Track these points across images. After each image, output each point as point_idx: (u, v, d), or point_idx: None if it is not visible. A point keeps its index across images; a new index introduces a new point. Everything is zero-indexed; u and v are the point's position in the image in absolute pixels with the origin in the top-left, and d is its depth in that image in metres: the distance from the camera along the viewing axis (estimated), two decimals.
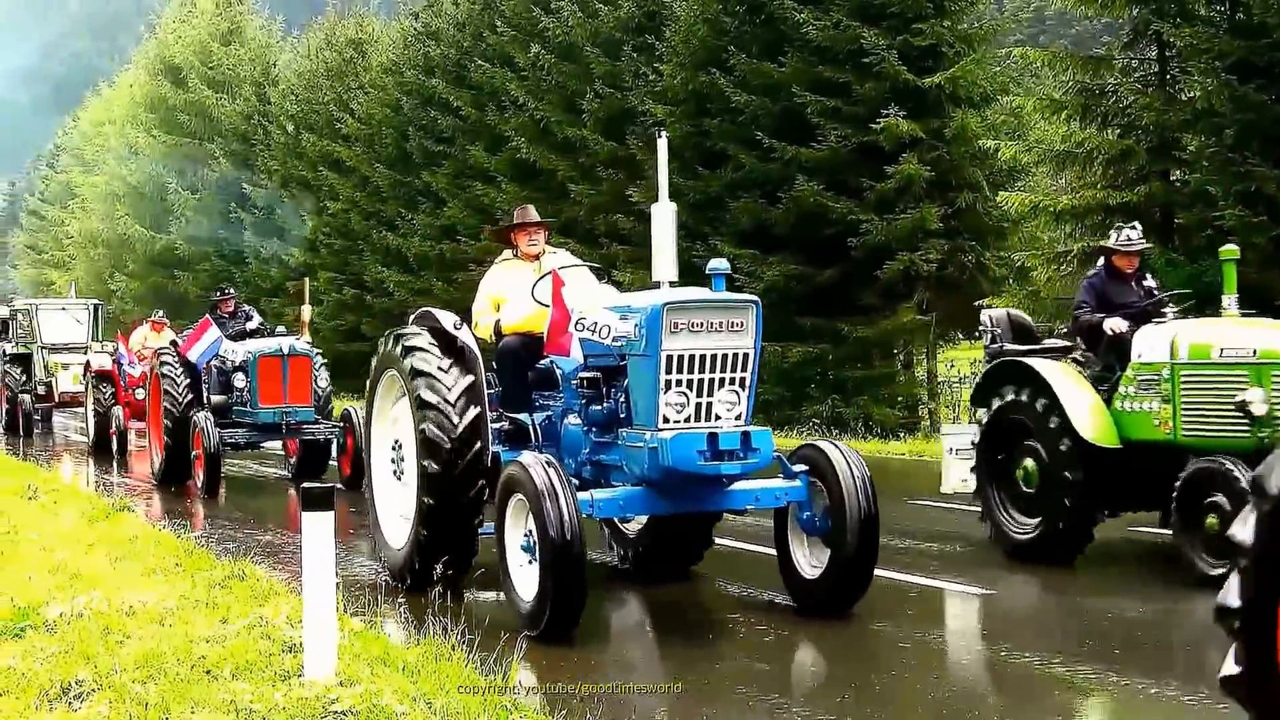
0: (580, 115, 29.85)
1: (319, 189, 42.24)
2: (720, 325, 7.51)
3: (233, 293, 18.93)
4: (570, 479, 7.43)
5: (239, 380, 16.19)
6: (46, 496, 13.34)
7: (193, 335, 16.55)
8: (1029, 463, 9.75)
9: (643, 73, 27.52)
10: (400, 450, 9.19)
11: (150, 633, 6.83)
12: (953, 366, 24.38)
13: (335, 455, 16.26)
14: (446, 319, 8.86)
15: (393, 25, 45.39)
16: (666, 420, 7.43)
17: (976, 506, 10.56)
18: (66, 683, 5.90)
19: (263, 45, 54.64)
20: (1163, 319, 9.48)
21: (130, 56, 74.46)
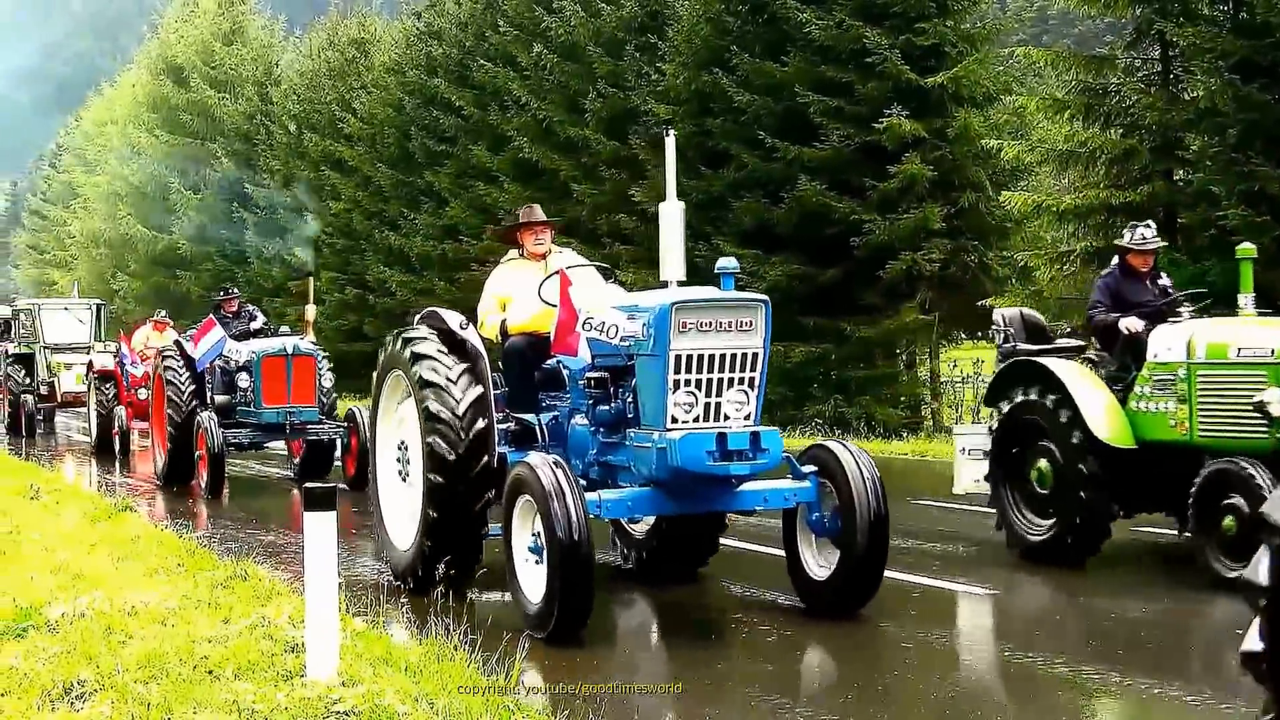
0: (583, 115, 29.83)
1: (321, 188, 42.22)
2: (729, 325, 7.45)
3: (236, 292, 18.90)
4: (578, 479, 7.39)
5: (243, 380, 16.11)
6: (49, 496, 13.34)
7: (196, 335, 16.43)
8: (1043, 463, 9.65)
9: (645, 72, 27.50)
10: (405, 451, 9.12)
11: (152, 633, 6.83)
12: (955, 366, 24.36)
13: (339, 455, 16.23)
14: (453, 319, 8.79)
15: (395, 25, 45.37)
16: (675, 420, 7.38)
17: (982, 507, 10.53)
18: (69, 683, 5.89)
19: (265, 45, 54.63)
20: (1178, 318, 9.38)
21: (132, 56, 74.52)
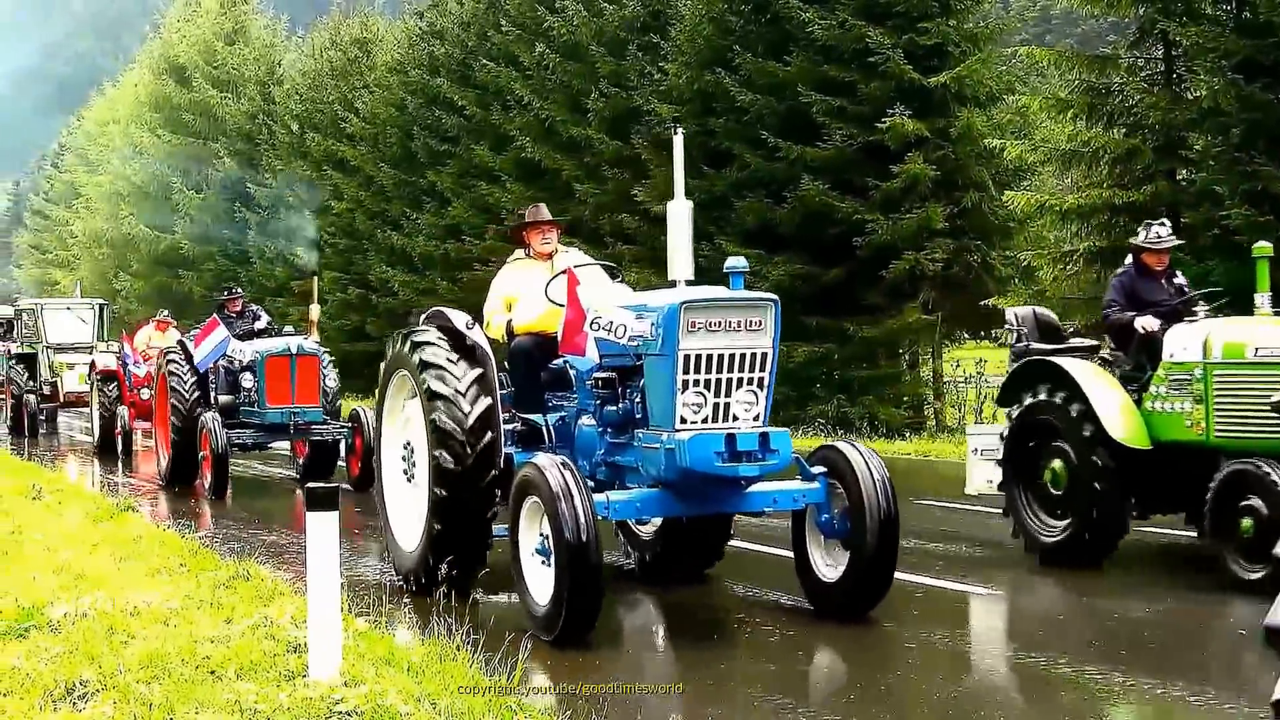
0: (585, 114, 29.82)
1: (324, 188, 42.24)
2: (738, 324, 7.40)
3: (240, 292, 18.86)
4: (585, 480, 7.34)
5: (246, 380, 16.05)
6: (51, 496, 13.33)
7: (200, 335, 16.38)
8: (1057, 464, 9.58)
9: (648, 72, 27.49)
10: (411, 452, 9.05)
11: (155, 633, 6.82)
12: (958, 366, 24.34)
13: (343, 456, 16.20)
14: (458, 318, 8.75)
15: (397, 24, 45.38)
16: (684, 421, 7.34)
17: (986, 507, 10.51)
18: (71, 683, 5.89)
19: (267, 45, 54.60)
20: (1194, 317, 9.30)
21: (134, 56, 74.45)
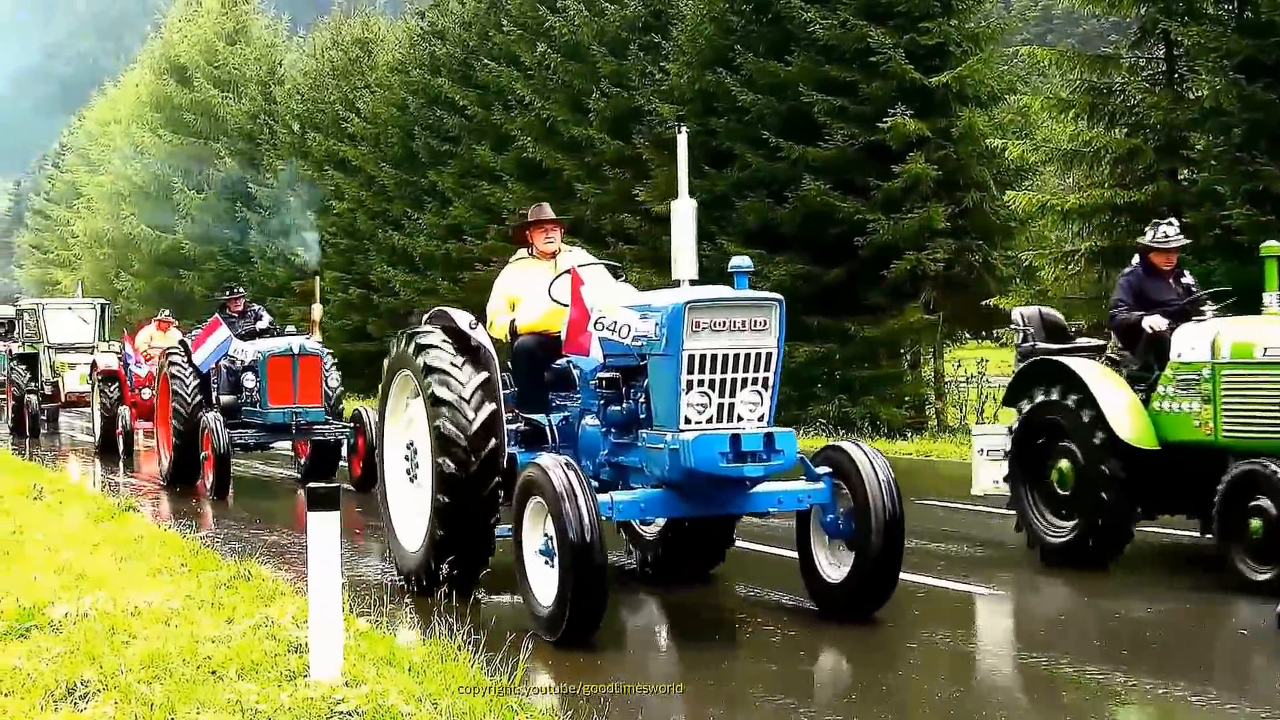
0: (586, 114, 29.82)
1: (325, 188, 42.22)
2: (743, 324, 7.38)
3: (242, 292, 18.80)
4: (589, 480, 7.33)
5: (248, 380, 16.01)
6: (52, 496, 13.33)
7: (202, 335, 16.33)
8: (1064, 464, 9.54)
9: (649, 72, 27.49)
10: (414, 453, 9.03)
11: (156, 633, 6.82)
12: (960, 366, 24.34)
13: (346, 456, 16.17)
14: (462, 318, 8.71)
15: (399, 24, 45.38)
16: (688, 421, 7.32)
17: (987, 507, 10.48)
18: (72, 683, 5.89)
19: (268, 45, 54.62)
20: (1202, 317, 9.28)
21: (136, 56, 74.52)
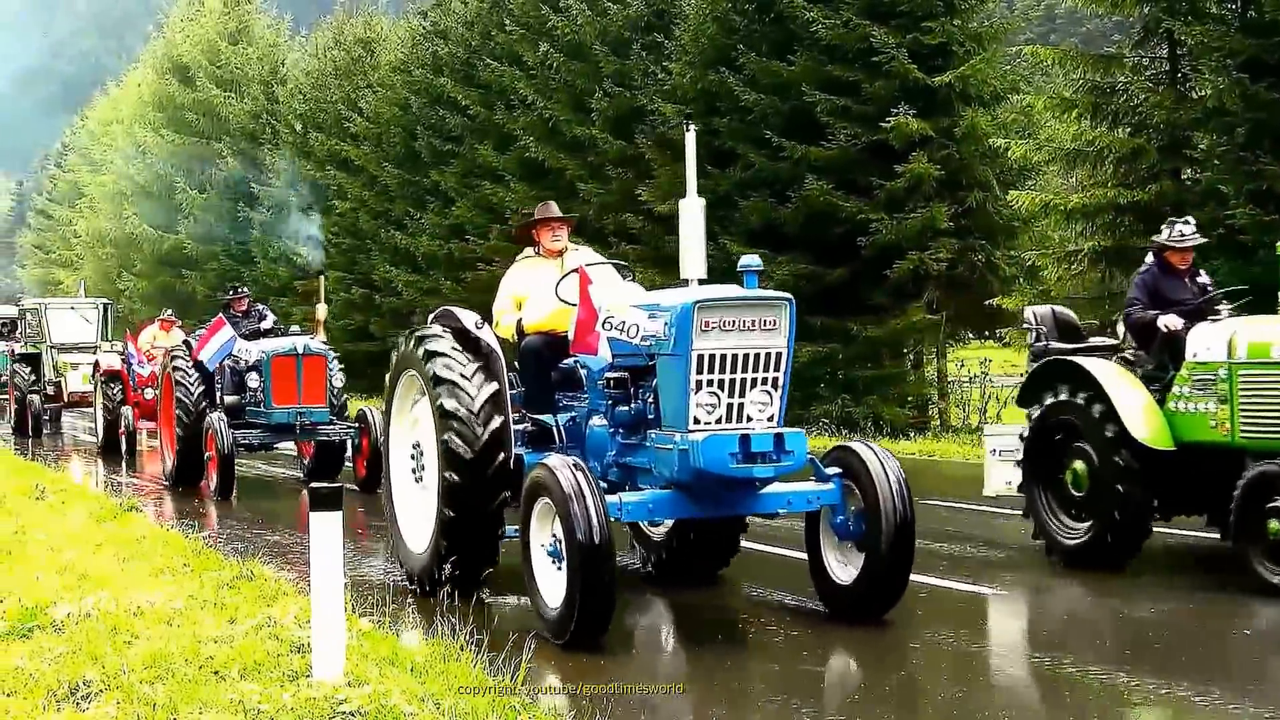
0: (589, 114, 29.81)
1: (328, 188, 42.21)
2: (752, 324, 7.33)
3: (246, 291, 18.65)
4: (597, 481, 7.28)
5: (252, 380, 15.97)
6: (55, 496, 13.34)
7: (206, 334, 16.30)
8: (1078, 465, 9.48)
9: (652, 71, 27.47)
10: (420, 455, 8.97)
11: (158, 633, 6.82)
12: (963, 366, 24.32)
13: (350, 456, 16.15)
14: (468, 318, 8.65)
15: (401, 24, 45.36)
16: (697, 421, 7.28)
17: (991, 507, 10.46)
18: (74, 683, 5.89)
19: (271, 44, 54.62)
20: (1218, 316, 9.22)
21: (138, 56, 74.50)
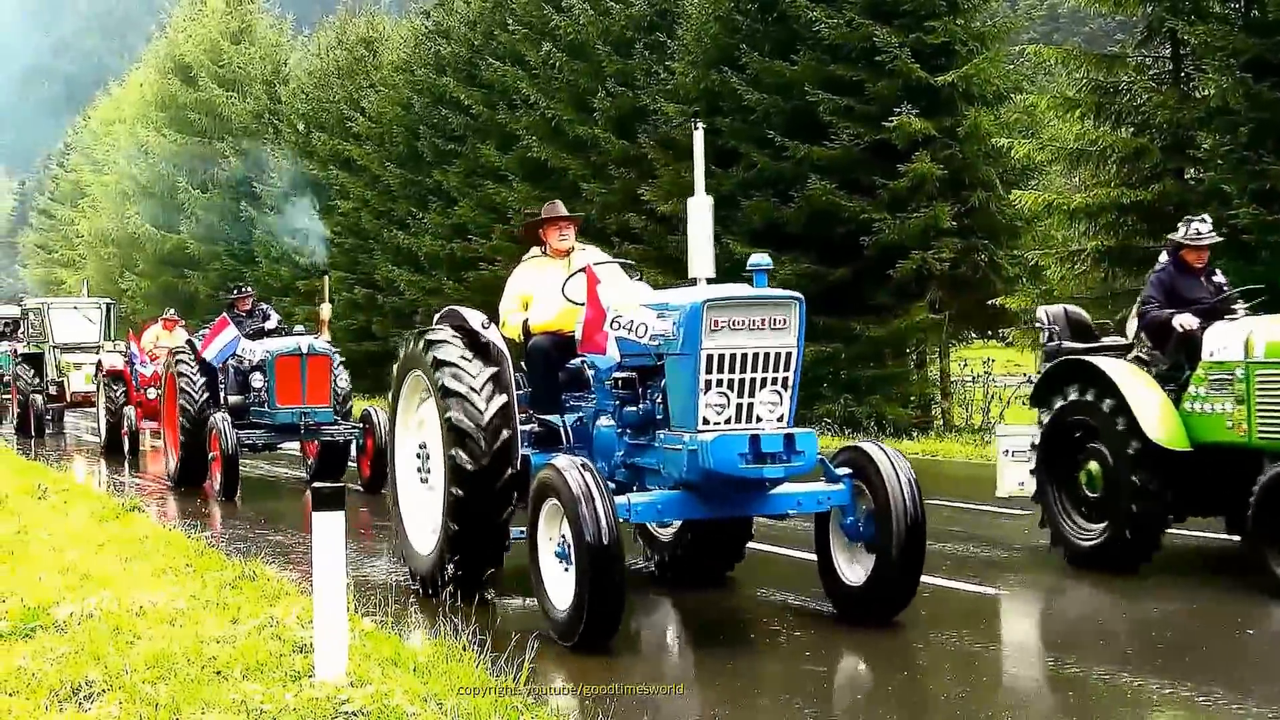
0: (592, 114, 29.80)
1: (330, 188, 42.21)
2: (762, 323, 7.31)
3: (249, 290, 18.58)
4: (606, 482, 7.24)
5: (256, 380, 15.93)
6: (57, 496, 13.35)
7: (210, 334, 16.22)
8: (1093, 466, 9.42)
9: (654, 71, 27.45)
10: (426, 455, 8.93)
11: (160, 633, 6.82)
12: (966, 366, 24.31)
13: (354, 457, 16.12)
14: (474, 318, 8.61)
15: (403, 24, 45.41)
16: (706, 422, 7.25)
17: (995, 507, 10.44)
18: (77, 683, 5.89)
19: (273, 44, 54.64)
20: (1234, 315, 9.15)
21: (140, 55, 74.52)
